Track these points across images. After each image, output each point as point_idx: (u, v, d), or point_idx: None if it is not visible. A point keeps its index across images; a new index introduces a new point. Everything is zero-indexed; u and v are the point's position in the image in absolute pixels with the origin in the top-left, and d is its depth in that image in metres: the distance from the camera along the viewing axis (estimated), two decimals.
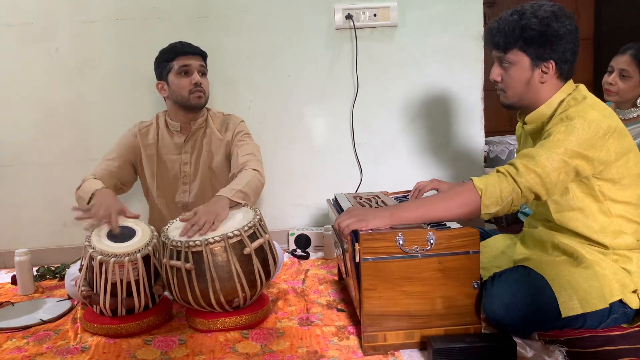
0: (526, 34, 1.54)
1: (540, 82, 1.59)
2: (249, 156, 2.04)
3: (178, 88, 2.08)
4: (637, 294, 1.52)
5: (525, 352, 1.43)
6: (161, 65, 2.11)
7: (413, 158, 2.67)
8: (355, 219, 1.52)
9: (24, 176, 2.57)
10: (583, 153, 1.46)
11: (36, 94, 2.52)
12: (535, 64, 1.57)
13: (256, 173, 1.97)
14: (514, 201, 1.49)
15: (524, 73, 1.59)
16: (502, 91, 1.65)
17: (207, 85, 2.14)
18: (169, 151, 2.17)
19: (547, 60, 1.56)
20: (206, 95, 2.12)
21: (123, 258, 1.65)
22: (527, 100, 1.62)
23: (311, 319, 1.74)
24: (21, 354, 1.58)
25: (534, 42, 1.54)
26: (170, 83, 2.09)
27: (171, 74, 2.08)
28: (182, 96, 2.08)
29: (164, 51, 2.12)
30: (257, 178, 1.96)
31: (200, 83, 2.08)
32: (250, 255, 1.66)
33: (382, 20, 2.55)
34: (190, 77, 2.07)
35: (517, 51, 1.57)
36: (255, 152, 2.09)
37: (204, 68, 2.13)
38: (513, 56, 1.58)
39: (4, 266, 2.58)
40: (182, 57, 2.07)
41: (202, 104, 2.11)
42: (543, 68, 1.57)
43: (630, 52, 2.16)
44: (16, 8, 2.46)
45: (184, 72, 2.07)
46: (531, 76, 1.58)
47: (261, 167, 2.04)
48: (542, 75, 1.58)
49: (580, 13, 3.53)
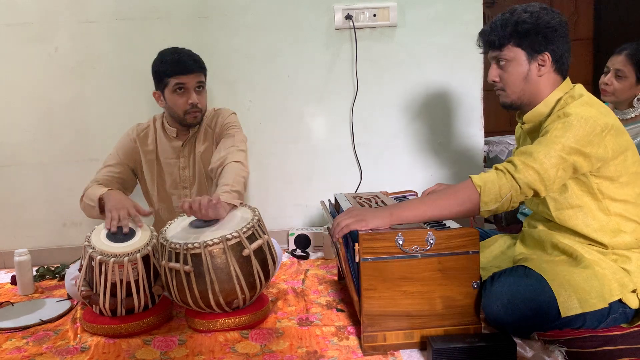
0: (519, 27, 1.57)
1: (538, 76, 1.60)
2: (230, 149, 1.99)
3: (174, 106, 2.03)
4: (636, 294, 1.52)
5: (525, 352, 1.43)
6: (157, 75, 2.05)
7: (413, 158, 2.67)
8: (354, 219, 1.52)
9: (23, 176, 2.57)
10: (580, 149, 1.47)
11: (36, 93, 2.52)
12: (531, 57, 1.59)
13: (238, 164, 1.93)
14: (512, 198, 1.49)
15: (521, 68, 1.60)
16: (501, 90, 1.67)
17: (205, 99, 2.08)
18: (168, 155, 2.15)
19: (543, 52, 1.58)
20: (203, 111, 2.08)
21: (122, 258, 1.65)
22: (527, 96, 1.63)
23: (311, 319, 1.74)
24: (21, 354, 1.58)
25: (527, 35, 1.57)
26: (166, 98, 2.04)
27: (167, 89, 2.02)
28: (178, 114, 2.05)
29: (161, 61, 2.03)
30: (240, 169, 1.92)
31: (196, 104, 2.02)
32: (249, 256, 1.65)
33: (381, 20, 2.55)
34: (186, 97, 2.00)
35: (512, 46, 1.60)
36: (237, 142, 2.03)
37: (202, 83, 2.06)
38: (509, 52, 1.60)
39: (4, 266, 2.58)
40: (179, 76, 1.99)
41: (198, 122, 2.08)
42: (539, 61, 1.59)
43: (625, 53, 2.16)
44: (16, 8, 2.46)
45: (180, 89, 2.00)
46: (529, 70, 1.60)
47: (243, 156, 1.99)
48: (540, 69, 1.60)
49: (580, 13, 3.53)
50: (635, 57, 2.14)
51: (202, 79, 2.06)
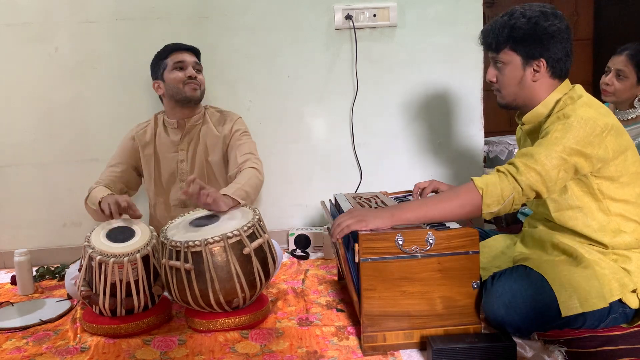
0: (515, 33, 1.57)
1: (532, 81, 1.61)
2: (248, 155, 2.07)
3: (173, 82, 2.11)
4: (636, 294, 1.52)
5: (525, 352, 1.43)
6: (156, 65, 2.15)
7: (413, 158, 2.67)
8: (355, 219, 1.52)
9: (23, 176, 2.57)
10: (581, 150, 1.47)
11: (36, 93, 2.52)
12: (526, 62, 1.60)
13: (255, 171, 2.00)
14: (515, 200, 1.49)
15: (516, 72, 1.61)
16: (497, 91, 1.69)
17: (203, 80, 2.17)
18: (166, 149, 2.18)
19: (538, 58, 1.59)
20: (202, 88, 2.15)
21: (122, 258, 1.65)
22: (522, 99, 1.64)
23: (311, 319, 1.74)
24: (21, 354, 1.58)
25: (522, 41, 1.58)
26: (165, 79, 2.12)
27: (166, 71, 2.12)
28: (178, 89, 2.11)
29: (158, 52, 2.16)
30: (256, 176, 1.99)
31: (194, 76, 2.11)
32: (250, 255, 1.65)
33: (381, 20, 2.55)
34: (184, 71, 2.11)
35: (508, 51, 1.60)
36: (253, 150, 2.12)
37: (198, 65, 2.17)
38: (505, 56, 1.61)
39: (4, 266, 2.58)
40: (176, 53, 2.12)
41: (198, 96, 2.14)
42: (534, 67, 1.60)
43: (626, 53, 2.16)
44: (16, 8, 2.46)
45: (179, 68, 2.11)
46: (523, 75, 1.61)
47: (260, 164, 2.07)
48: (534, 74, 1.60)
49: (580, 13, 3.53)
50: (636, 58, 2.14)
51: (198, 61, 2.18)
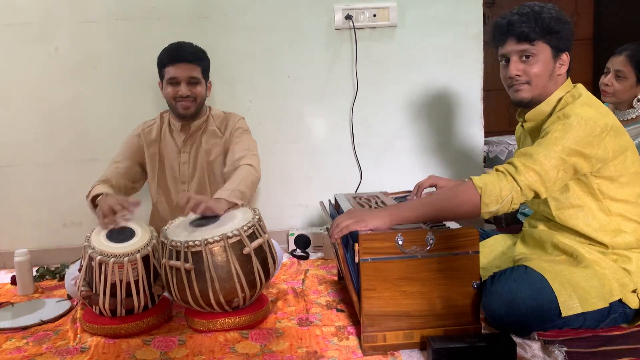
0: (550, 24, 1.57)
1: (557, 75, 1.62)
2: (244, 152, 2.05)
3: (166, 96, 2.11)
4: (636, 294, 1.52)
5: (525, 352, 1.43)
6: (158, 65, 2.13)
7: (412, 158, 2.67)
8: (353, 219, 1.52)
9: (23, 176, 2.57)
10: (580, 151, 1.47)
11: (36, 93, 2.52)
12: (555, 55, 1.60)
13: (250, 168, 1.98)
14: (513, 199, 1.49)
15: (548, 64, 1.60)
16: (526, 84, 1.62)
17: (200, 93, 2.09)
18: (170, 150, 2.19)
19: (564, 51, 1.60)
20: (197, 102, 2.10)
21: (122, 258, 1.65)
22: (546, 93, 1.63)
23: (311, 319, 1.74)
24: (21, 354, 1.58)
25: (556, 32, 1.58)
26: (162, 88, 2.13)
27: (163, 80, 2.11)
28: (170, 104, 2.11)
29: (159, 55, 2.11)
30: (251, 173, 1.97)
31: (186, 95, 2.05)
32: (250, 255, 1.65)
33: (381, 20, 2.55)
34: (177, 88, 2.06)
35: (542, 42, 1.59)
36: (251, 147, 2.10)
37: (195, 79, 2.07)
38: (539, 47, 1.59)
39: (4, 266, 2.58)
40: (170, 67, 2.05)
41: (190, 113, 2.10)
42: (561, 60, 1.61)
43: (625, 53, 2.16)
44: (16, 8, 2.46)
45: (172, 84, 2.07)
46: (553, 68, 1.61)
47: (256, 160, 2.05)
48: (560, 67, 1.62)
49: (580, 13, 3.53)
50: (636, 58, 2.14)
51: (195, 74, 2.07)
